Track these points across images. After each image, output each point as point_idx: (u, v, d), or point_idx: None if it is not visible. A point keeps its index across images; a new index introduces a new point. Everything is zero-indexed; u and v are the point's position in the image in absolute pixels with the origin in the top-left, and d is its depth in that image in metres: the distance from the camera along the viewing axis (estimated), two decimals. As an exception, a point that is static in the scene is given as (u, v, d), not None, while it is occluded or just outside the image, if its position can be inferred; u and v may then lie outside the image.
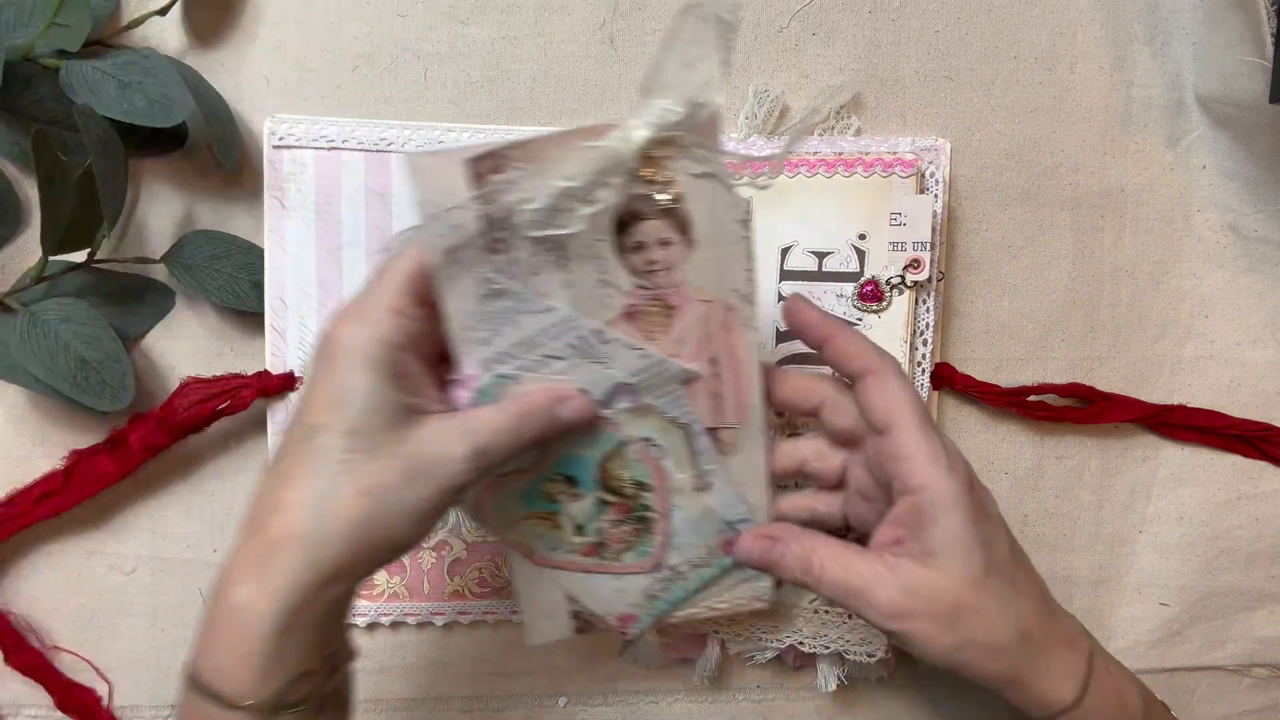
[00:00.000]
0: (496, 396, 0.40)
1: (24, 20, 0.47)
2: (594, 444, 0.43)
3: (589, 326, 0.40)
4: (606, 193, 0.37)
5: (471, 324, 0.39)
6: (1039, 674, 0.40)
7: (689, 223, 0.39)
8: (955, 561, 0.38)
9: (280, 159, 0.50)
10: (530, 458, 0.42)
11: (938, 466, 0.39)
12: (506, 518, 0.44)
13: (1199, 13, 0.53)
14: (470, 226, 0.37)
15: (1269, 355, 0.56)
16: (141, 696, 0.54)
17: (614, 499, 0.44)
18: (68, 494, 0.50)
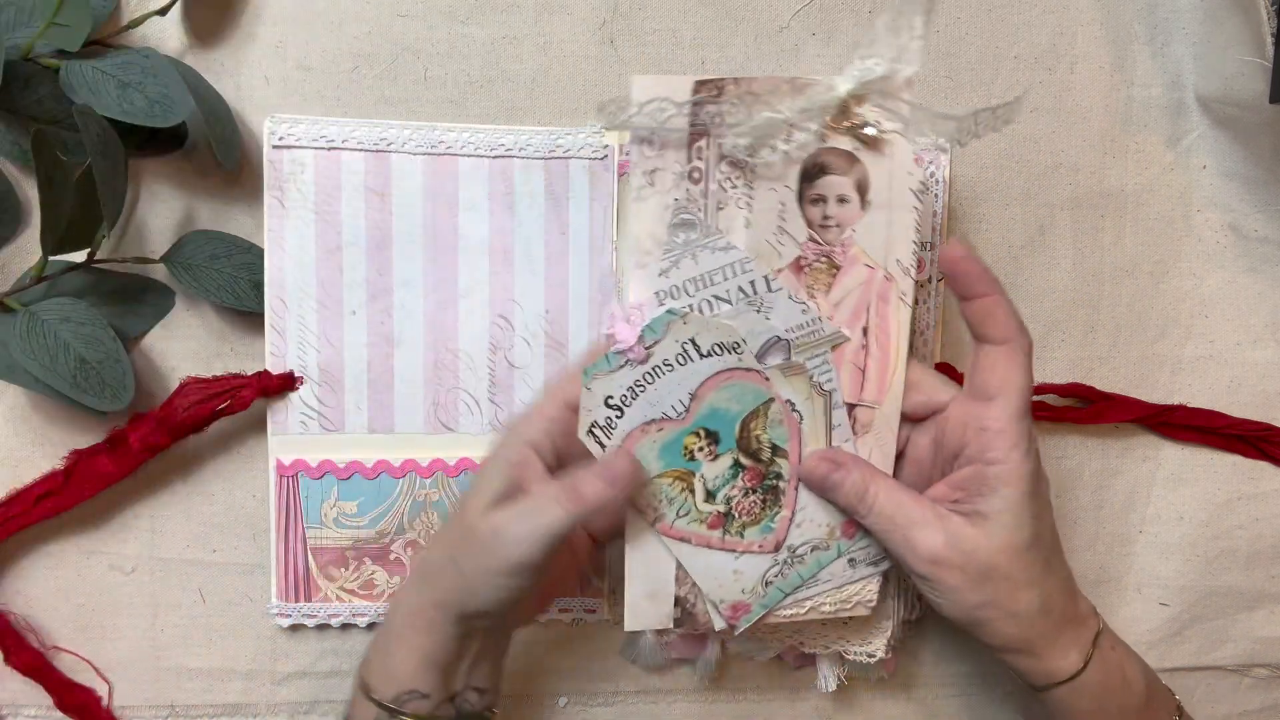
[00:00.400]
0: (662, 333, 0.42)
1: (24, 20, 0.47)
2: (742, 399, 0.43)
3: (761, 272, 0.42)
4: (803, 134, 0.40)
5: (652, 251, 0.41)
6: (1048, 644, 0.42)
7: (868, 183, 0.42)
8: (1004, 528, 0.41)
9: (280, 159, 0.50)
10: (679, 406, 0.43)
11: (1019, 449, 0.41)
12: (646, 473, 0.44)
13: (1199, 13, 0.53)
14: (678, 139, 0.40)
15: (1269, 355, 0.56)
16: (141, 696, 0.54)
17: (749, 462, 0.44)
18: (67, 494, 0.50)
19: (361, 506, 0.52)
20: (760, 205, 0.42)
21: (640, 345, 0.42)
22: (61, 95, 0.46)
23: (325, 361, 0.51)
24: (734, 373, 0.43)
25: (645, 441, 0.43)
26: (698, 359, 0.43)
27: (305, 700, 0.55)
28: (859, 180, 0.42)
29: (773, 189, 0.41)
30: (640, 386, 0.43)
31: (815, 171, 0.42)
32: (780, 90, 0.40)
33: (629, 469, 0.41)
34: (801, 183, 0.42)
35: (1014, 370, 0.42)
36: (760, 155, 0.40)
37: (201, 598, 0.54)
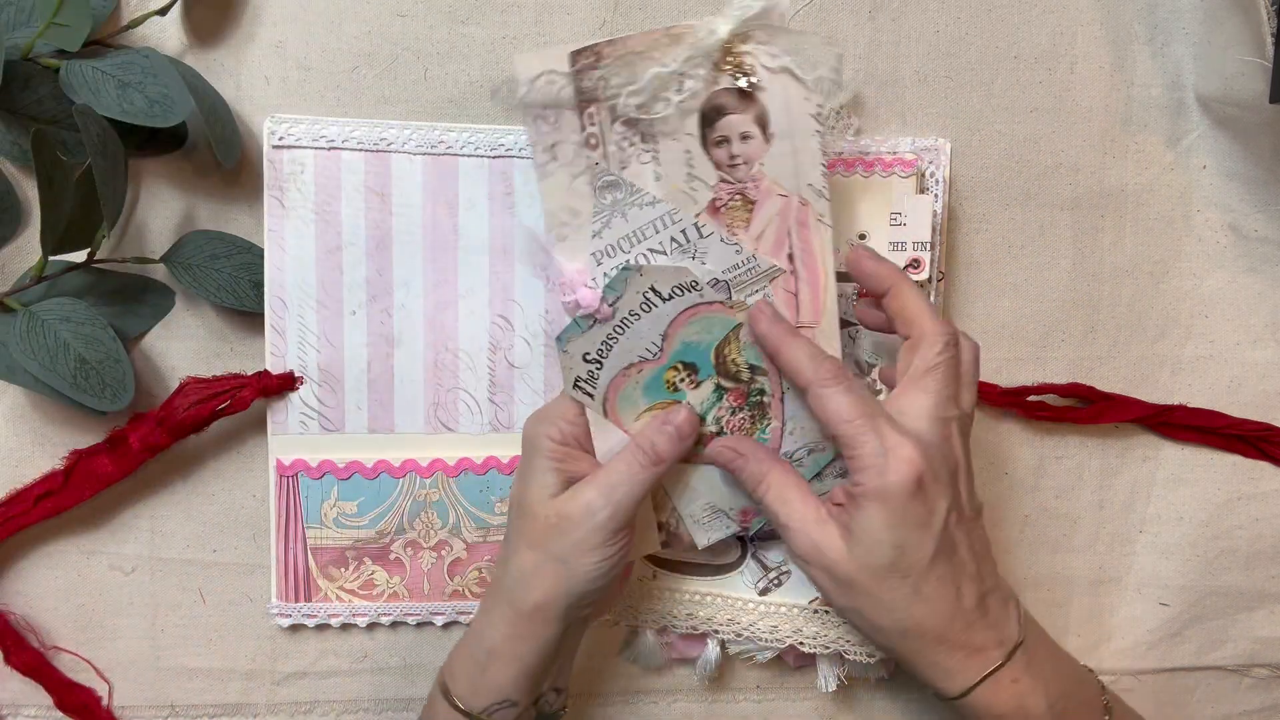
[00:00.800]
0: (622, 289, 0.44)
1: (24, 20, 0.47)
2: (710, 330, 0.45)
3: (690, 220, 0.43)
4: (693, 82, 0.42)
5: (569, 221, 0.44)
6: (923, 665, 0.43)
7: (767, 116, 0.43)
8: (862, 547, 0.42)
9: (280, 159, 0.50)
10: (651, 348, 0.45)
11: (882, 460, 0.41)
12: (633, 410, 0.46)
13: (1199, 13, 0.53)
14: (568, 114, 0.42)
15: (1269, 355, 0.56)
16: (141, 696, 0.54)
17: (731, 384, 0.46)
18: (67, 494, 0.50)
19: (361, 506, 0.52)
20: (666, 157, 0.43)
21: (604, 304, 0.44)
22: (61, 95, 0.46)
23: (325, 361, 0.51)
24: (698, 308, 0.45)
25: (628, 384, 0.46)
26: (661, 303, 0.45)
27: (305, 700, 0.55)
28: (758, 115, 0.43)
29: (675, 139, 0.43)
30: (613, 339, 0.45)
31: (714, 114, 0.43)
32: (661, 43, 0.41)
33: (691, 418, 0.45)
34: (702, 128, 0.43)
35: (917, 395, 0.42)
36: (655, 110, 0.41)
37: (201, 598, 0.54)
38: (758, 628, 0.53)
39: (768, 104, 0.43)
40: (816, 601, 0.52)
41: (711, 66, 0.42)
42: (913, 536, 0.41)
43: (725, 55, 0.42)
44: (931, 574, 0.42)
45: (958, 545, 0.43)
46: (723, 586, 0.53)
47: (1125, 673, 0.57)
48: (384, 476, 0.52)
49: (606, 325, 0.45)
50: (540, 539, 0.44)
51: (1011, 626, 0.44)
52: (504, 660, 0.44)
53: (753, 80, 0.42)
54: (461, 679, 0.45)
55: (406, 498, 0.53)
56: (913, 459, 0.40)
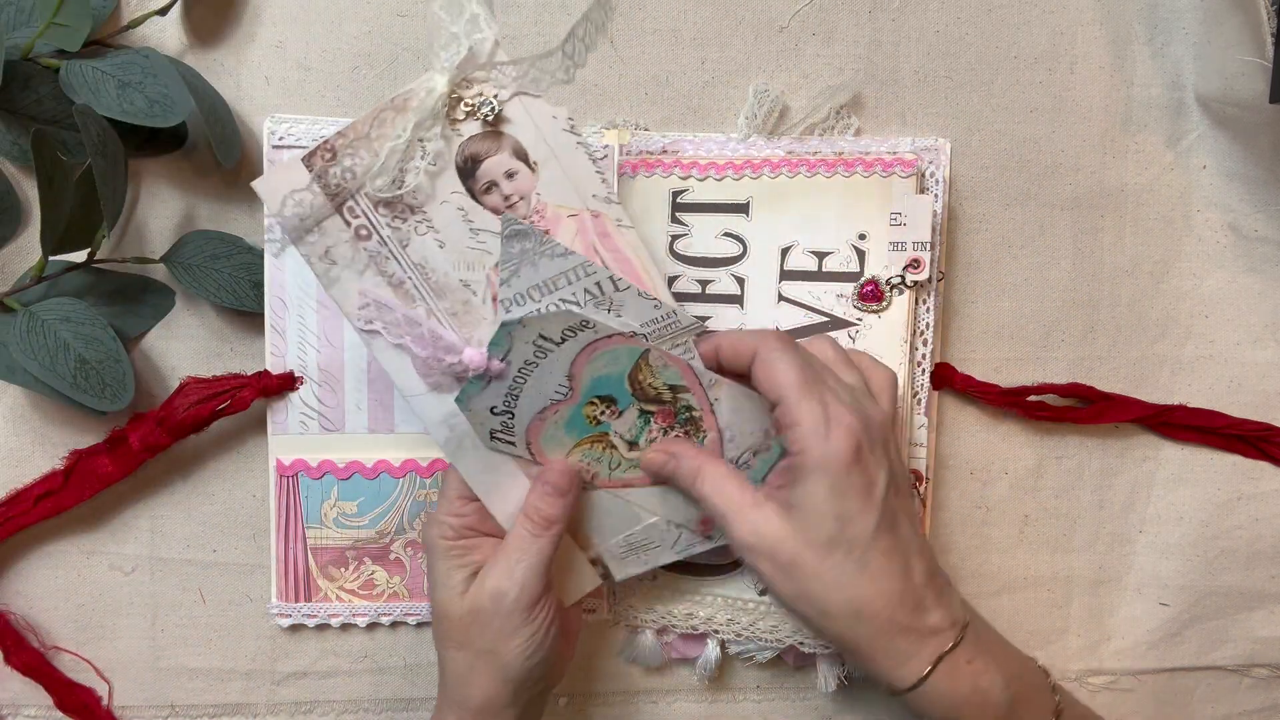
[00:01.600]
0: (508, 344, 0.42)
1: (24, 20, 0.47)
2: (617, 361, 0.44)
3: (605, 273, 0.42)
4: (434, 143, 0.41)
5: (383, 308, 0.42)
6: (877, 651, 0.42)
7: (523, 147, 0.42)
8: (804, 522, 0.41)
9: (280, 159, 0.50)
10: (560, 389, 0.44)
11: (816, 434, 0.41)
12: (561, 450, 0.46)
13: (1199, 13, 0.53)
14: (329, 218, 0.41)
15: (1269, 355, 0.56)
16: (141, 696, 0.54)
17: (655, 406, 0.45)
18: (68, 494, 0.50)
19: (361, 506, 0.52)
20: (442, 222, 0.42)
21: (494, 360, 0.43)
22: (61, 95, 0.46)
23: (325, 361, 0.51)
24: (596, 344, 0.44)
25: (547, 427, 0.45)
26: (555, 347, 0.43)
27: (305, 700, 0.55)
28: (514, 149, 0.42)
29: (444, 202, 0.42)
30: (516, 389, 0.44)
31: (470, 165, 0.42)
32: (387, 117, 0.41)
33: (565, 471, 0.45)
34: (465, 182, 0.42)
35: (775, 369, 0.42)
36: (407, 183, 0.41)
37: (201, 598, 0.54)
38: (758, 628, 0.53)
39: (518, 135, 0.42)
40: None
41: (446, 122, 0.41)
42: (854, 506, 0.41)
43: (455, 105, 0.41)
44: (876, 547, 0.41)
45: (899, 519, 0.42)
46: (723, 586, 0.53)
47: (1125, 673, 0.57)
48: (384, 476, 0.52)
49: (505, 380, 0.44)
50: (462, 638, 0.44)
51: (958, 605, 0.44)
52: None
53: (489, 119, 0.42)
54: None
55: (406, 498, 0.53)
56: (854, 423, 0.41)
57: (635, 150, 0.52)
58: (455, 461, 0.45)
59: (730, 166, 0.51)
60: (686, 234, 0.52)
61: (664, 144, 0.52)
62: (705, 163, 0.51)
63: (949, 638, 0.42)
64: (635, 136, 0.52)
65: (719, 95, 0.52)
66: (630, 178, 0.51)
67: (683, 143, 0.52)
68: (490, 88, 0.41)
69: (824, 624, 0.42)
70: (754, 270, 0.52)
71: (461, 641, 0.44)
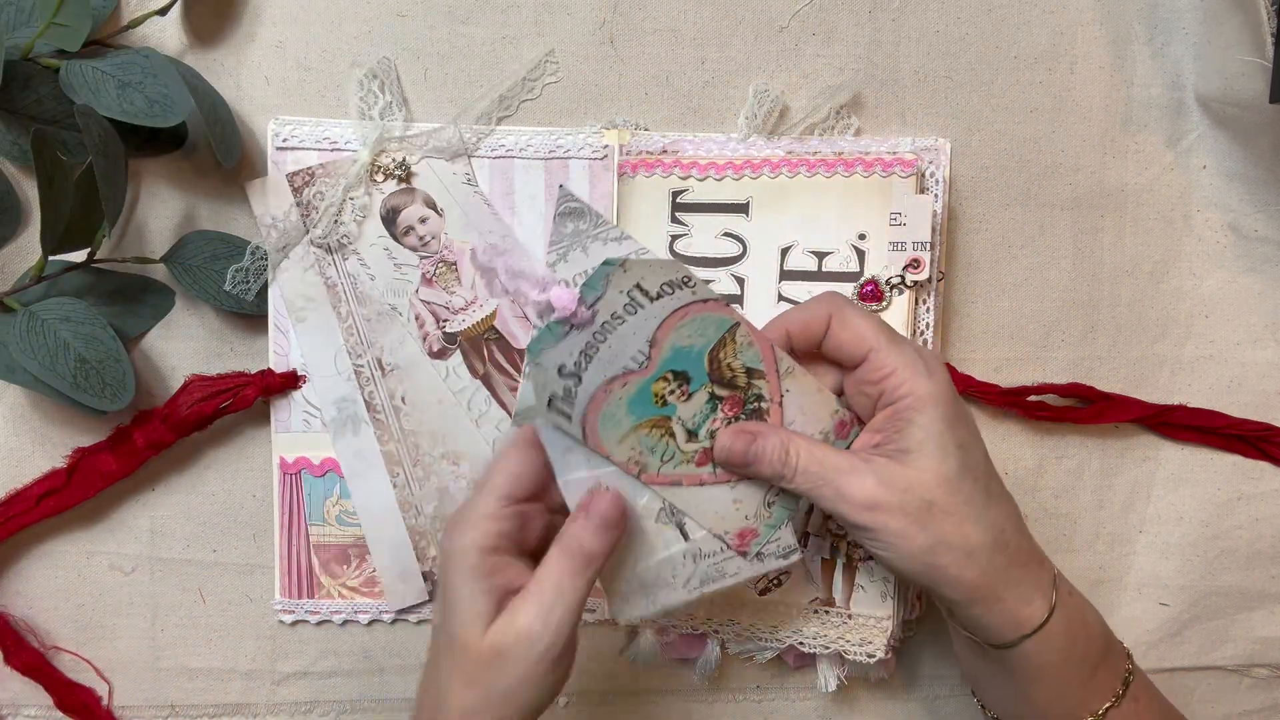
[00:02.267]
0: (603, 288, 0.40)
1: (24, 20, 0.47)
2: (705, 332, 0.41)
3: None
4: (361, 199, 0.51)
5: (311, 302, 0.50)
6: (1011, 588, 0.40)
7: (432, 198, 0.51)
8: (930, 458, 0.39)
9: (283, 160, 0.50)
10: (638, 356, 0.41)
11: (916, 371, 0.40)
12: (617, 431, 0.41)
13: (1199, 13, 0.53)
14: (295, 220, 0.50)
15: (1269, 355, 0.56)
16: (141, 696, 0.54)
17: (726, 392, 0.42)
18: (70, 492, 0.51)
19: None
20: (372, 259, 0.51)
21: (583, 306, 0.40)
22: (61, 95, 0.46)
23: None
24: (689, 308, 0.41)
25: (610, 402, 0.40)
26: (648, 303, 0.40)
27: (305, 700, 0.55)
28: (425, 200, 0.51)
29: (372, 244, 0.51)
30: (592, 348, 0.40)
31: (390, 215, 0.51)
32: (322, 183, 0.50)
33: (615, 501, 0.40)
34: (388, 228, 0.51)
35: (853, 324, 0.41)
36: (339, 233, 0.50)
37: (201, 598, 0.54)
38: (758, 628, 0.53)
39: (427, 188, 0.51)
40: (816, 602, 0.52)
41: (369, 183, 0.50)
42: (967, 434, 0.40)
43: (375, 171, 0.50)
44: (990, 472, 0.41)
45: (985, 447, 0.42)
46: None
47: (1125, 672, 0.57)
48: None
49: (585, 331, 0.40)
50: (476, 674, 0.38)
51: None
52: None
53: (403, 178, 0.50)
54: None
55: (407, 498, 0.53)
56: (940, 360, 0.40)
57: (635, 150, 0.52)
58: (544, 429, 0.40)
59: (730, 166, 0.51)
60: (686, 234, 0.52)
61: (664, 144, 0.52)
62: (705, 163, 0.51)
63: (1049, 564, 0.42)
64: (635, 136, 0.52)
65: (719, 95, 0.53)
66: (630, 178, 0.51)
67: (683, 143, 0.52)
68: (403, 154, 0.51)
69: (963, 569, 0.39)
70: (754, 270, 0.52)
71: (474, 678, 0.38)
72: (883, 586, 0.52)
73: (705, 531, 0.43)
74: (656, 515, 0.42)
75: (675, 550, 0.43)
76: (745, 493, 0.43)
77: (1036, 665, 0.41)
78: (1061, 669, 0.41)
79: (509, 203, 0.51)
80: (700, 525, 0.43)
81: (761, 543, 0.44)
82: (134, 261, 0.50)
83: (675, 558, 0.43)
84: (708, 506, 0.43)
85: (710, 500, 0.43)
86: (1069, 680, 0.42)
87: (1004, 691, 0.44)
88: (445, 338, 0.52)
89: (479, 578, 0.38)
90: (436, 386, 0.52)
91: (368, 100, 0.50)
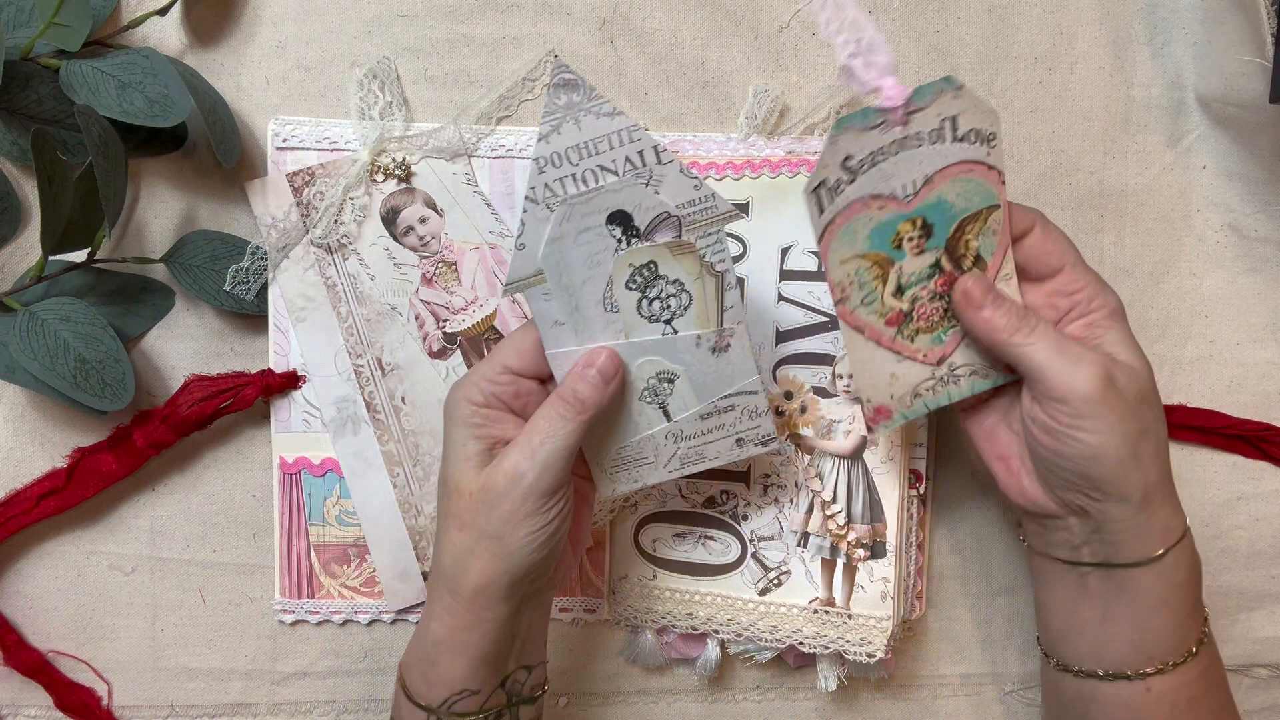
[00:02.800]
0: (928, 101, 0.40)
1: (24, 20, 0.47)
2: (971, 198, 0.42)
3: (650, 142, 0.40)
4: (361, 199, 0.50)
5: (311, 302, 0.50)
6: (1169, 496, 0.44)
7: (432, 198, 0.51)
8: (1135, 357, 0.43)
9: (283, 160, 0.50)
10: (909, 187, 0.41)
11: (1103, 288, 0.44)
12: (849, 249, 0.42)
13: (1199, 13, 0.53)
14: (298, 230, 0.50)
15: (1269, 355, 0.56)
16: (141, 696, 0.54)
17: (950, 265, 0.44)
18: (70, 492, 0.51)
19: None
20: (373, 259, 0.51)
21: (904, 109, 0.39)
22: (61, 95, 0.46)
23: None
24: (975, 166, 0.42)
25: (862, 216, 0.41)
26: (949, 141, 0.41)
27: (305, 700, 0.55)
28: (425, 200, 0.51)
29: (372, 244, 0.51)
30: (883, 154, 0.40)
31: (391, 216, 0.51)
32: (322, 183, 0.50)
33: (613, 360, 0.42)
34: (388, 228, 0.51)
35: (1058, 242, 0.44)
36: (339, 233, 0.50)
37: (201, 598, 0.54)
38: (758, 628, 0.53)
39: (426, 188, 0.51)
40: (816, 602, 0.52)
41: (369, 183, 0.50)
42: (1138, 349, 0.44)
43: (375, 171, 0.50)
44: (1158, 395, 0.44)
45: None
46: (723, 586, 0.53)
47: (1125, 672, 0.57)
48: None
49: (888, 134, 0.40)
50: (469, 517, 0.41)
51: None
52: (452, 651, 0.42)
53: (403, 178, 0.50)
54: (415, 674, 0.43)
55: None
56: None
57: (635, 150, 0.52)
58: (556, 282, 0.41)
59: (730, 166, 0.51)
60: (687, 234, 0.52)
61: (664, 144, 0.52)
62: (705, 163, 0.51)
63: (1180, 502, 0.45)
64: (635, 136, 0.52)
65: (719, 95, 0.52)
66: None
67: (683, 143, 0.52)
68: (402, 154, 0.50)
69: (1158, 456, 0.43)
70: (754, 270, 0.52)
71: (467, 521, 0.41)
72: (883, 586, 0.52)
73: (688, 413, 0.45)
74: (640, 394, 0.44)
75: (657, 430, 0.45)
76: (906, 370, 0.45)
77: (1168, 585, 0.43)
78: (1181, 592, 0.43)
79: (509, 203, 0.51)
80: (850, 385, 0.48)
81: (891, 425, 0.46)
82: (134, 261, 0.50)
83: (657, 437, 0.45)
84: (869, 365, 0.45)
85: (874, 360, 0.45)
86: (1183, 608, 0.44)
87: (1097, 632, 0.45)
88: (445, 338, 0.52)
89: (471, 427, 0.42)
90: (436, 386, 0.52)
91: (368, 100, 0.50)
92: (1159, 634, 0.43)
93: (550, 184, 0.40)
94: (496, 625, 0.42)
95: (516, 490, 0.40)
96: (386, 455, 0.52)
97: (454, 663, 0.42)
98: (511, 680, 0.44)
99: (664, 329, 0.43)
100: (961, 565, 0.56)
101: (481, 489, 0.41)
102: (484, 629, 0.42)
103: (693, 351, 0.44)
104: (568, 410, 0.41)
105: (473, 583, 0.41)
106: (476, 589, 0.41)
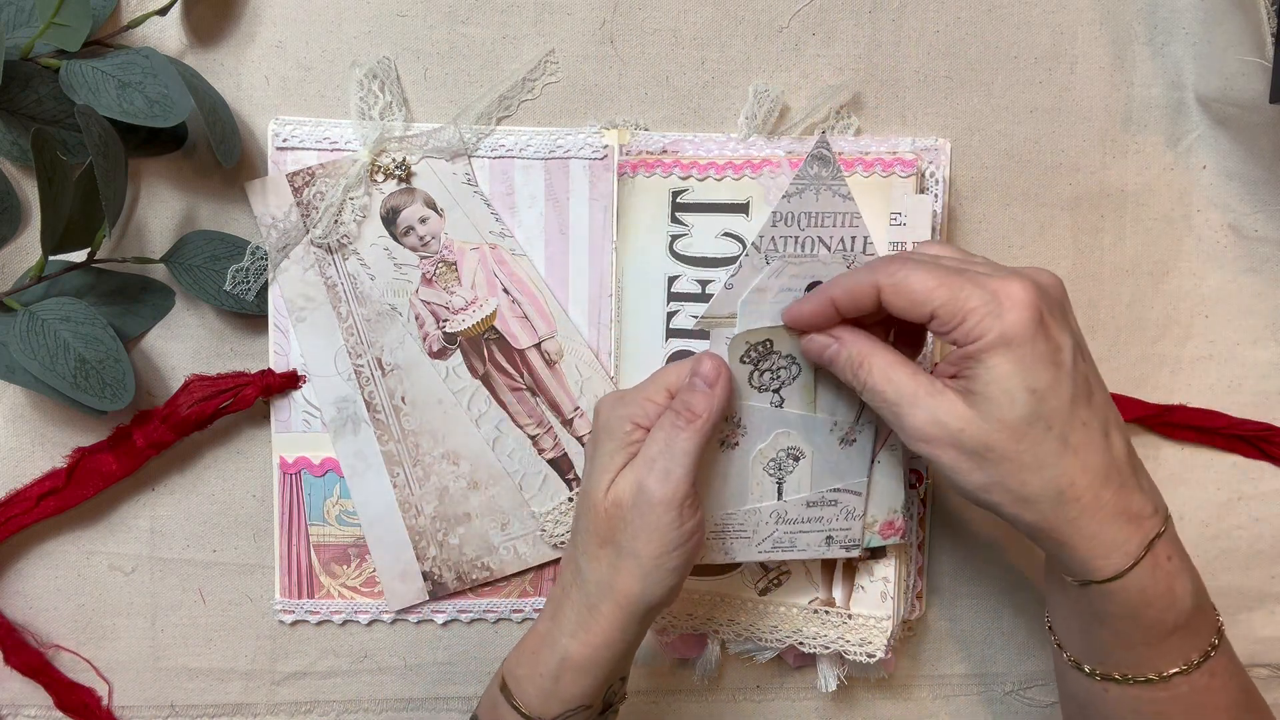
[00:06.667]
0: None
1: (24, 20, 0.47)
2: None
3: (864, 232, 0.43)
4: (361, 199, 0.50)
5: (311, 302, 0.51)
6: (1082, 537, 0.38)
7: (432, 198, 0.51)
8: (994, 405, 0.37)
9: (283, 160, 0.50)
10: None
11: (987, 313, 0.37)
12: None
13: (1199, 13, 0.53)
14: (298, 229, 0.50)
15: (1269, 355, 0.56)
16: (141, 696, 0.54)
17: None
18: (70, 492, 0.51)
19: (362, 506, 0.53)
20: (373, 259, 0.51)
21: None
22: (61, 95, 0.46)
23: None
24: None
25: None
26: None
27: (305, 700, 0.55)
28: (425, 200, 0.51)
29: (372, 244, 0.51)
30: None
31: (391, 216, 0.51)
32: (331, 179, 0.50)
33: (715, 363, 0.42)
34: (388, 228, 0.51)
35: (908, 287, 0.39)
36: (338, 233, 0.50)
37: (201, 598, 0.54)
38: (758, 628, 0.53)
39: (427, 189, 0.51)
40: (816, 602, 0.52)
41: (368, 183, 0.50)
42: (1046, 376, 0.37)
43: (375, 171, 0.50)
44: (1075, 419, 0.38)
45: (1093, 387, 0.39)
46: (723, 586, 0.53)
47: (1125, 672, 0.57)
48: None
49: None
50: (606, 533, 0.41)
51: (1157, 491, 0.40)
52: (581, 670, 0.42)
53: (403, 178, 0.51)
54: (530, 688, 0.43)
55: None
56: (1027, 290, 0.37)
57: (635, 150, 0.52)
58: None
59: (730, 166, 0.51)
60: (686, 234, 0.52)
61: (664, 144, 0.52)
62: (705, 163, 0.51)
63: (1154, 524, 0.39)
64: (635, 136, 0.52)
65: (719, 95, 0.53)
66: (630, 178, 0.51)
67: (683, 143, 0.52)
68: (403, 154, 0.51)
69: (1019, 511, 0.38)
70: (754, 270, 0.52)
71: (605, 537, 0.41)
72: (883, 587, 0.52)
73: (799, 497, 0.47)
74: (766, 464, 0.46)
75: (765, 506, 0.47)
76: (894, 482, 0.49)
77: (1101, 610, 0.40)
78: (1126, 623, 0.40)
79: (509, 203, 0.51)
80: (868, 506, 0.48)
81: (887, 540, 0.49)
82: (134, 261, 0.50)
83: (763, 513, 0.47)
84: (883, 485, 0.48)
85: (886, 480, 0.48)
86: (1132, 636, 0.40)
87: (1070, 617, 0.43)
88: (445, 338, 0.52)
89: (622, 445, 0.42)
90: (436, 386, 0.52)
91: (368, 100, 0.50)
92: (1106, 645, 0.41)
93: (776, 238, 0.43)
94: (628, 647, 0.43)
95: (641, 502, 0.40)
96: (386, 455, 0.52)
97: (578, 681, 0.42)
98: (610, 690, 0.45)
99: (772, 398, 0.45)
100: (961, 565, 0.56)
101: (613, 504, 0.41)
102: (616, 649, 0.42)
103: (825, 436, 0.46)
104: (679, 420, 0.41)
105: (615, 602, 0.41)
106: (617, 609, 0.41)
